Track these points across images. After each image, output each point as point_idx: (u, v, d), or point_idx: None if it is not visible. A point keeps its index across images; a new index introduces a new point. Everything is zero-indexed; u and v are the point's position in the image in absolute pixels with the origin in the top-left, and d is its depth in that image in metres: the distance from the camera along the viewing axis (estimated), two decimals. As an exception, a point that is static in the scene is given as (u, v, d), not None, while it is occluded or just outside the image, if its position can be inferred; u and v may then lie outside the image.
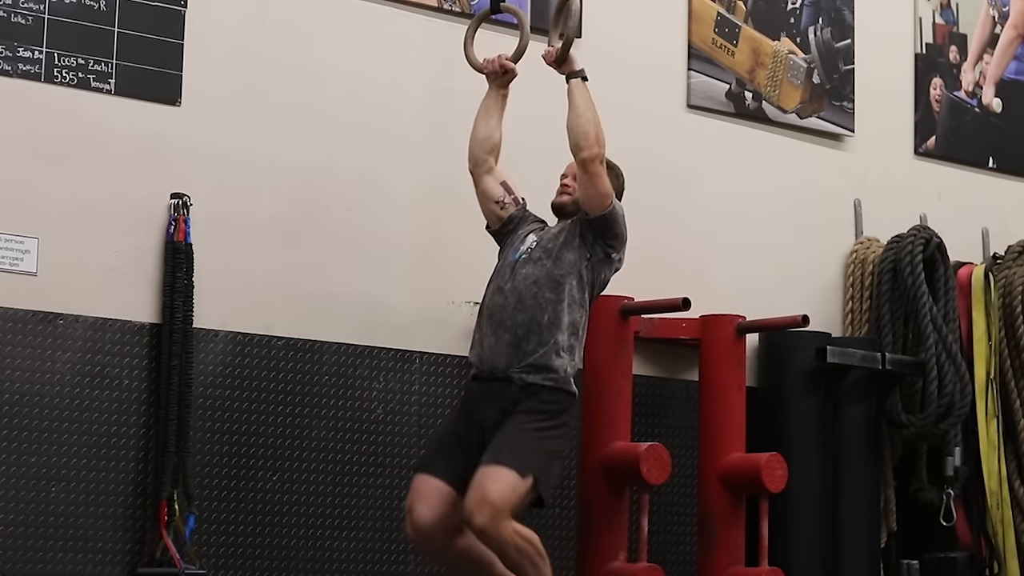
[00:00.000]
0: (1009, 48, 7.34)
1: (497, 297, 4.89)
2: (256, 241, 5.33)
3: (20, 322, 4.90)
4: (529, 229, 5.05)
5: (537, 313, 4.81)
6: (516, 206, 5.12)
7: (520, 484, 4.65)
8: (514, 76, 5.15)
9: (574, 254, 4.89)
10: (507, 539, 4.61)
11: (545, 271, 4.86)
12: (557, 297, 4.84)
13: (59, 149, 5.03)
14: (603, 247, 4.92)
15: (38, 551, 4.87)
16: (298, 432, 5.33)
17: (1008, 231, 7.01)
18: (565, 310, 4.84)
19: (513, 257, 4.96)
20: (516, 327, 4.81)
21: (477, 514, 4.58)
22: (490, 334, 4.86)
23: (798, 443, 6.04)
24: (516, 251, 4.98)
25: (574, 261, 4.89)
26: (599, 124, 4.89)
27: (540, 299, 4.83)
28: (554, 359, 4.80)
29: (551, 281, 4.85)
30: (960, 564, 6.32)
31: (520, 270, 4.89)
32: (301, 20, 5.49)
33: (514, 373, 4.78)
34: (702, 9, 6.39)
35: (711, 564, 5.78)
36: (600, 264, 4.92)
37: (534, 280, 4.86)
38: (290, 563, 5.27)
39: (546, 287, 4.84)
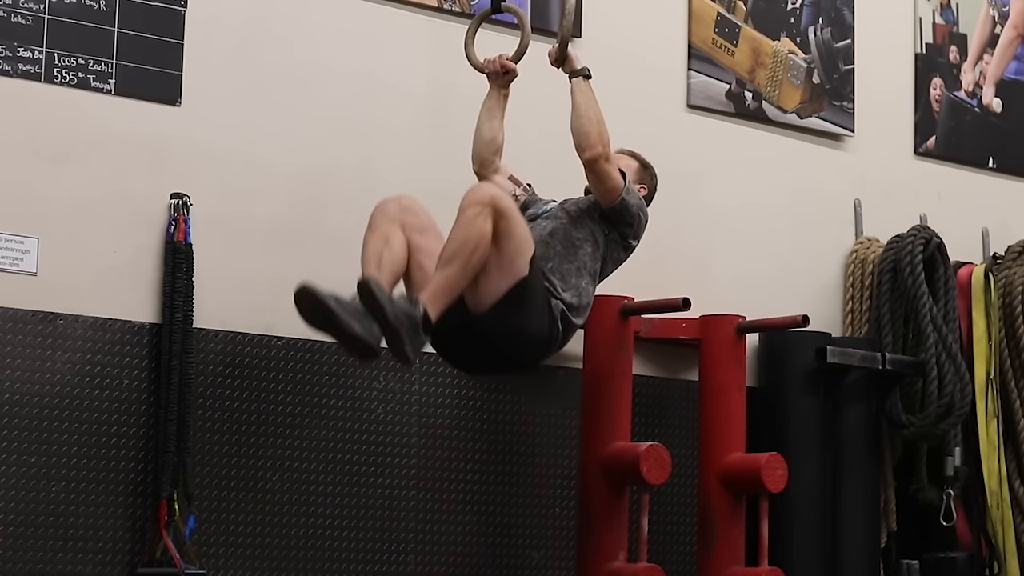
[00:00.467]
0: (1009, 48, 7.34)
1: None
2: (256, 241, 5.33)
3: (20, 322, 4.90)
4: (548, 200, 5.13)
5: (542, 259, 4.83)
6: (526, 195, 5.22)
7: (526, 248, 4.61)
8: (515, 76, 5.16)
9: (594, 224, 4.96)
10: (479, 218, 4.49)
11: (562, 227, 4.94)
12: (567, 254, 4.89)
13: (59, 149, 5.03)
14: (620, 231, 5.02)
15: (38, 551, 4.87)
16: (298, 432, 5.33)
17: (1008, 231, 7.01)
18: (573, 271, 4.88)
19: (534, 212, 5.07)
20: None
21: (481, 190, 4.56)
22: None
23: (798, 443, 6.04)
24: (539, 209, 5.10)
25: (592, 231, 4.95)
26: (602, 123, 4.90)
27: (551, 248, 4.89)
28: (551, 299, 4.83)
29: (567, 238, 4.91)
30: (960, 564, 6.32)
31: (538, 223, 4.97)
32: (301, 20, 5.49)
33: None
34: (702, 9, 6.39)
35: (711, 564, 5.77)
36: (616, 244, 4.99)
37: (550, 231, 4.92)
38: (290, 563, 5.27)
39: (559, 241, 4.90)
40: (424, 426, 5.56)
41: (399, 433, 5.51)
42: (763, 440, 5.95)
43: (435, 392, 5.59)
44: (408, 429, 5.53)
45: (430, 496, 5.54)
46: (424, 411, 5.57)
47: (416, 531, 5.50)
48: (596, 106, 4.93)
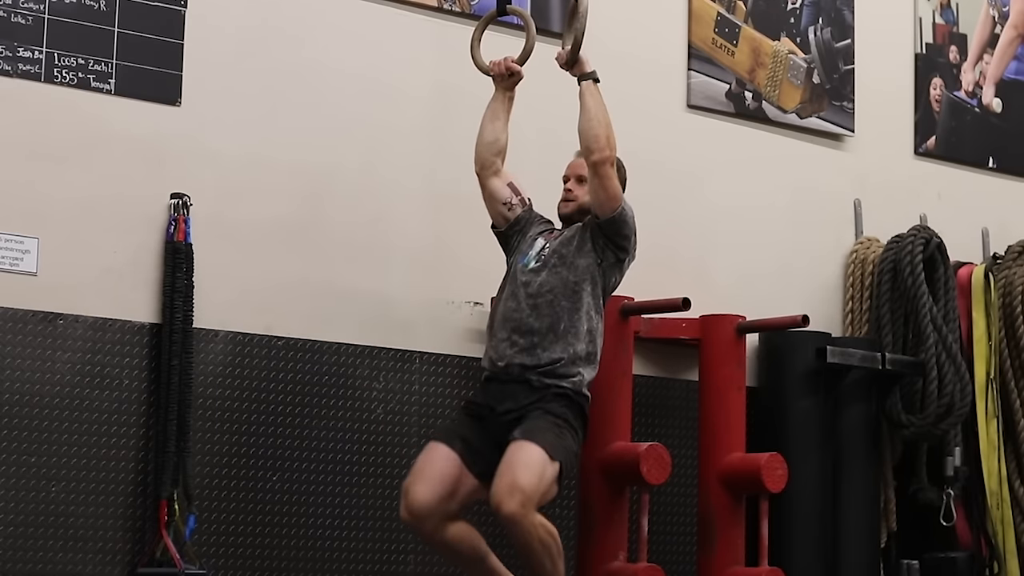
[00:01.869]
0: (1009, 48, 7.34)
1: (511, 302, 4.88)
2: (256, 241, 5.32)
3: (20, 322, 4.90)
4: (537, 231, 5.04)
5: (554, 321, 4.81)
6: (523, 207, 5.13)
7: (549, 467, 4.64)
8: (520, 78, 5.13)
9: (587, 259, 4.89)
10: (533, 530, 4.58)
11: (561, 279, 4.85)
12: (573, 305, 4.83)
13: (59, 149, 5.03)
14: (613, 250, 4.93)
15: (38, 551, 4.87)
16: (298, 432, 5.33)
17: (1008, 231, 7.01)
18: (583, 317, 4.84)
19: (523, 262, 4.95)
20: (533, 334, 4.81)
21: (507, 500, 4.54)
22: (505, 339, 4.85)
23: (798, 443, 6.04)
24: (526, 256, 4.97)
25: (588, 266, 4.88)
26: (610, 126, 4.89)
27: (557, 307, 4.82)
28: (571, 368, 4.81)
29: (567, 289, 4.84)
30: (960, 564, 6.32)
31: (535, 277, 4.87)
32: (301, 20, 5.49)
33: (531, 376, 4.79)
34: (702, 9, 6.39)
35: (711, 564, 5.78)
36: (611, 268, 4.92)
37: (550, 288, 4.84)
38: (290, 563, 5.27)
39: (562, 295, 4.83)
40: (424, 426, 5.55)
41: (399, 433, 5.51)
42: (763, 440, 5.95)
43: (435, 392, 5.59)
44: (408, 429, 5.53)
45: (430, 496, 5.53)
46: (424, 411, 5.57)
47: (416, 531, 5.49)
48: (605, 109, 4.92)
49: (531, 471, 4.58)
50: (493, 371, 4.88)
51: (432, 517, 4.71)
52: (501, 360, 4.85)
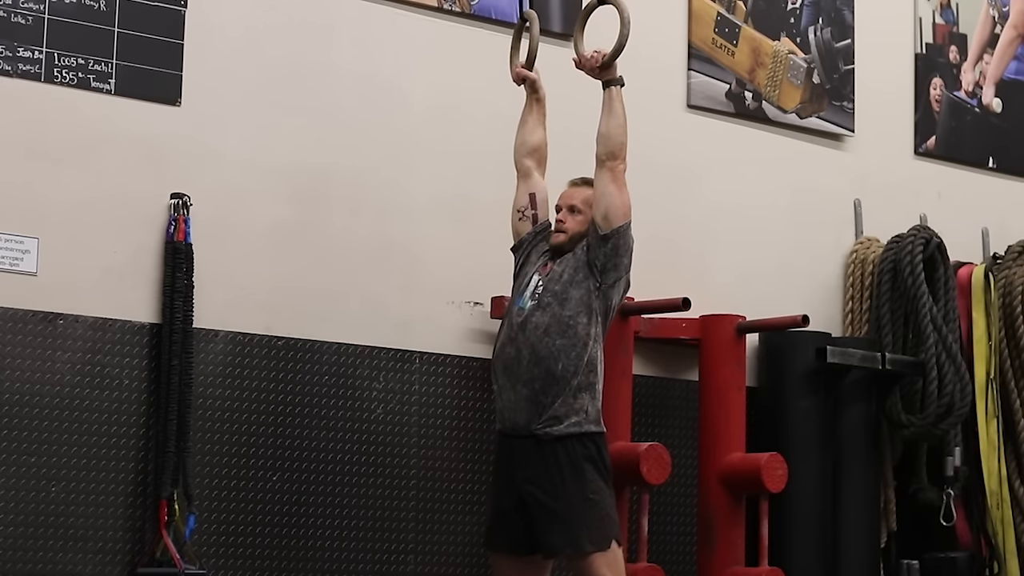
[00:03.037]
0: (1009, 48, 7.34)
1: (509, 349, 4.84)
2: (256, 241, 5.33)
3: (20, 322, 4.90)
4: (534, 265, 4.95)
5: (551, 363, 4.77)
6: (532, 223, 5.03)
7: (613, 558, 4.71)
8: (534, 80, 5.08)
9: (580, 290, 4.82)
10: None
11: (554, 317, 4.80)
12: (569, 342, 4.79)
13: (59, 149, 5.03)
14: (612, 270, 4.83)
15: (38, 551, 4.87)
16: (298, 432, 5.33)
17: (1008, 231, 7.02)
18: (579, 351, 4.79)
19: (519, 304, 4.88)
20: (532, 381, 4.78)
21: None
22: (508, 387, 4.83)
23: (798, 443, 6.04)
24: (521, 297, 4.90)
25: (582, 297, 4.81)
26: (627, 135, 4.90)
27: (552, 348, 4.78)
28: (573, 402, 4.78)
29: (560, 326, 4.80)
30: (960, 564, 6.32)
31: (529, 319, 4.82)
32: (301, 20, 5.49)
33: (538, 430, 4.76)
34: (702, 9, 6.39)
35: (711, 564, 5.78)
36: (609, 290, 4.85)
37: (544, 329, 4.79)
38: (290, 563, 5.27)
39: (556, 334, 4.79)
40: (424, 426, 5.56)
41: (399, 433, 5.51)
42: (763, 440, 5.96)
43: (435, 392, 5.59)
44: (408, 429, 5.53)
45: (430, 496, 5.54)
46: (424, 411, 5.57)
47: (416, 531, 5.50)
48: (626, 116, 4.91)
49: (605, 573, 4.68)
50: (503, 426, 4.88)
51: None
52: (508, 415, 4.84)
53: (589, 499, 4.72)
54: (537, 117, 5.08)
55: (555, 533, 4.70)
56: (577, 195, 4.95)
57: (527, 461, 4.77)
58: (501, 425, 4.88)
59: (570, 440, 4.76)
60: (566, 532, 4.69)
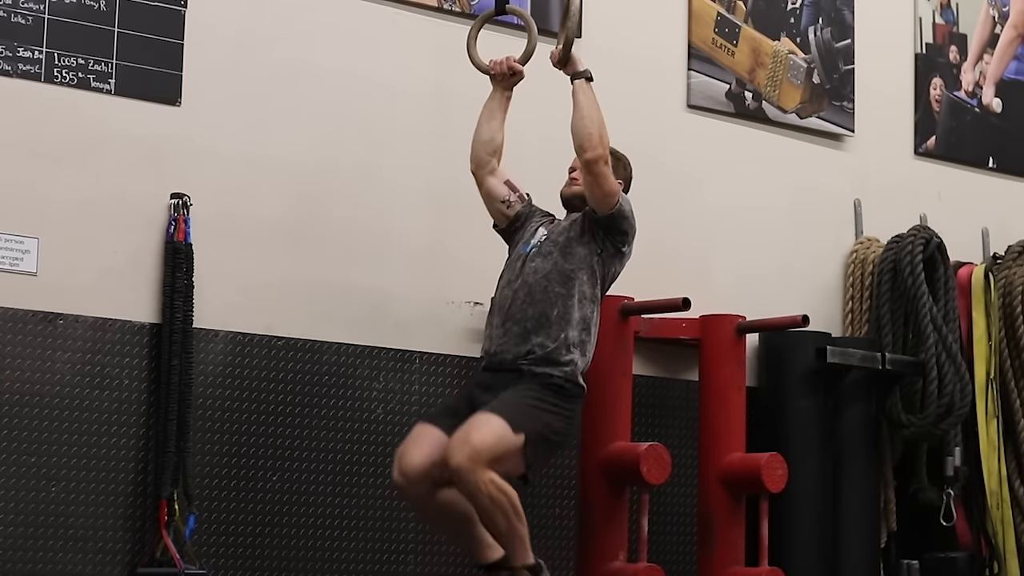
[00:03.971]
0: (1009, 48, 7.34)
1: (506, 291, 4.91)
2: (256, 241, 5.33)
3: (20, 322, 4.90)
4: (538, 223, 5.07)
5: (547, 307, 4.82)
6: (522, 203, 5.15)
7: (508, 436, 4.63)
8: (520, 78, 5.13)
9: (584, 248, 4.91)
10: (480, 485, 4.55)
11: (555, 265, 4.87)
12: (567, 292, 4.85)
13: (59, 149, 5.03)
14: (612, 243, 4.94)
15: (38, 551, 4.87)
16: (298, 432, 5.33)
17: (1008, 231, 7.01)
18: (575, 305, 4.85)
19: (523, 251, 4.98)
20: (525, 320, 4.83)
21: (455, 453, 4.56)
22: (499, 326, 4.88)
23: (798, 443, 6.04)
24: (527, 244, 5.00)
25: (585, 256, 4.90)
26: (603, 125, 4.89)
27: (550, 293, 4.84)
28: (564, 355, 4.81)
29: (561, 275, 4.86)
30: (960, 564, 6.32)
31: (530, 263, 4.90)
32: (301, 20, 5.49)
33: (523, 364, 4.80)
34: (702, 9, 6.39)
35: (711, 564, 5.78)
36: (611, 259, 4.95)
37: (544, 274, 4.87)
38: (290, 563, 5.27)
39: (556, 281, 4.85)
40: (424, 426, 5.55)
41: (399, 433, 5.49)
42: (763, 440, 5.95)
43: (435, 392, 5.59)
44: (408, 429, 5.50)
45: (430, 496, 5.54)
46: (424, 411, 5.56)
47: (416, 531, 5.50)
48: (597, 108, 4.92)
49: (485, 432, 4.59)
50: (489, 360, 4.91)
51: (424, 481, 4.70)
52: (495, 349, 4.88)
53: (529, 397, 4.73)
54: (504, 115, 5.16)
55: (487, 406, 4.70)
56: None
57: (504, 383, 4.79)
58: (487, 362, 4.91)
59: (550, 380, 4.79)
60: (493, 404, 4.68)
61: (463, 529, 4.79)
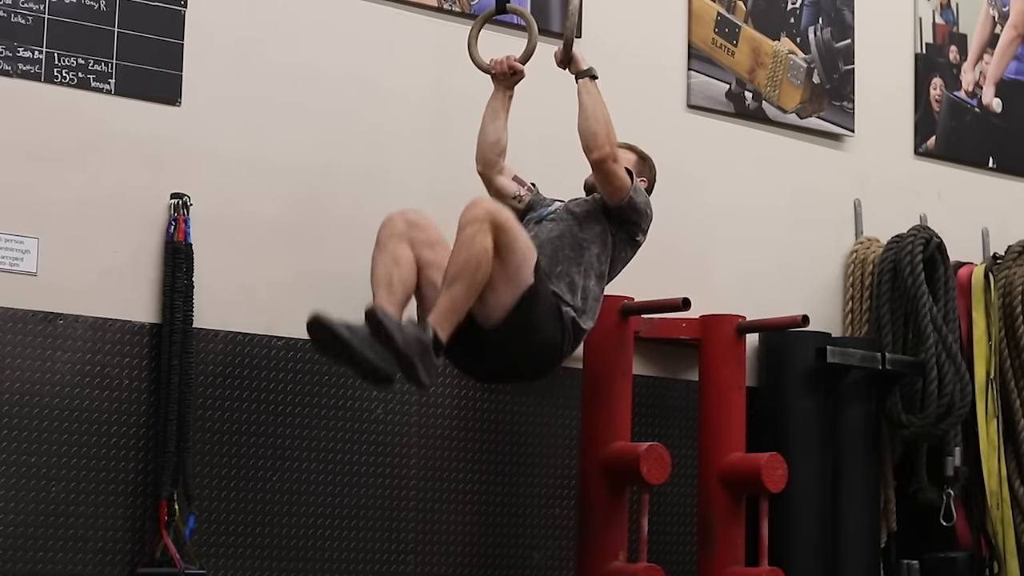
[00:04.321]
0: (1009, 48, 7.34)
1: None
2: (256, 241, 5.33)
3: (20, 322, 4.90)
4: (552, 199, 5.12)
5: (552, 263, 4.83)
6: (531, 194, 5.21)
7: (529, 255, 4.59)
8: (521, 77, 5.15)
9: (600, 225, 4.95)
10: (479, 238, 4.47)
11: (569, 230, 4.92)
12: (576, 257, 4.88)
13: (59, 149, 5.03)
14: (627, 229, 5.01)
15: (38, 551, 4.87)
16: (298, 432, 5.33)
17: (1008, 231, 7.01)
18: (581, 273, 4.87)
19: (539, 215, 5.05)
20: None
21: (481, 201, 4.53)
22: None
23: (798, 443, 6.04)
24: (541, 212, 5.06)
25: (600, 232, 4.94)
26: (609, 123, 4.90)
27: (559, 253, 4.87)
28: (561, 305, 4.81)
29: (574, 241, 4.90)
30: (960, 564, 6.32)
31: (546, 225, 4.95)
32: (301, 20, 5.49)
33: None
34: (702, 9, 6.39)
35: (711, 564, 5.77)
36: (624, 243, 4.99)
37: (558, 234, 4.91)
38: (290, 563, 5.27)
39: (568, 244, 4.88)
40: (424, 426, 5.56)
41: (399, 433, 5.51)
42: (763, 440, 5.95)
43: (435, 392, 5.59)
44: (408, 429, 5.53)
45: (430, 496, 5.54)
46: (424, 411, 5.56)
47: (416, 531, 5.50)
48: (603, 106, 4.93)
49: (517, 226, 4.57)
50: None
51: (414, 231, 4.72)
52: None
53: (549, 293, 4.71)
54: (507, 114, 5.18)
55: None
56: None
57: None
58: None
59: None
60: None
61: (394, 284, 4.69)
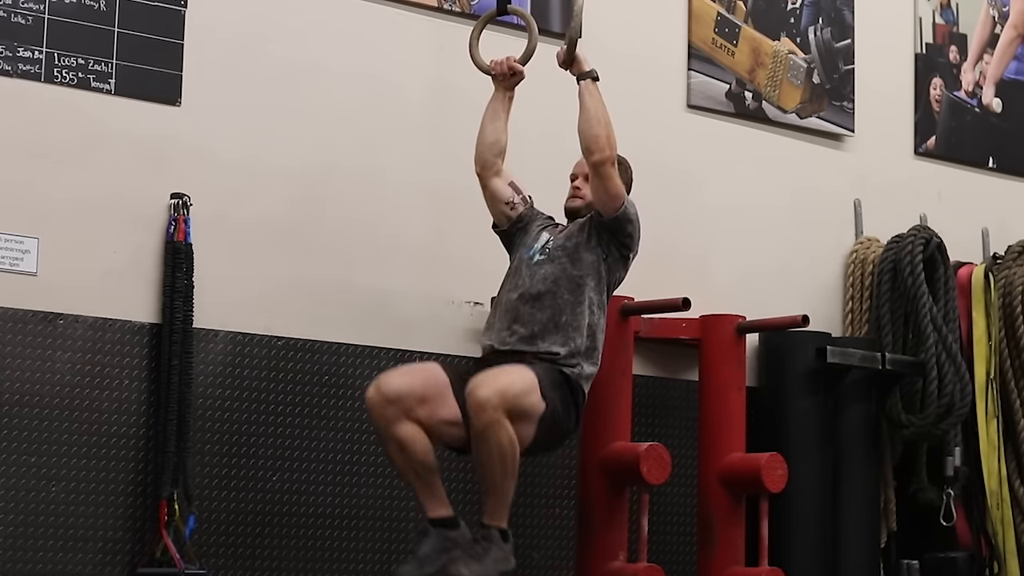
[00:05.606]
0: (1009, 48, 7.34)
1: (513, 294, 4.88)
2: (256, 241, 5.33)
3: (20, 322, 4.90)
4: (540, 226, 5.06)
5: (555, 313, 4.81)
6: (525, 205, 5.15)
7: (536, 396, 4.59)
8: (522, 78, 5.14)
9: (592, 255, 4.90)
10: (497, 427, 4.47)
11: (564, 270, 4.86)
12: (576, 299, 4.83)
13: (59, 149, 5.03)
14: (618, 247, 4.94)
15: (38, 551, 4.87)
16: (298, 432, 5.33)
17: (1008, 231, 7.01)
18: (584, 312, 4.83)
19: (528, 255, 4.96)
20: (533, 324, 4.81)
21: (483, 386, 4.48)
22: (505, 328, 4.86)
23: (798, 443, 6.04)
24: (531, 249, 4.98)
25: (593, 262, 4.89)
26: (610, 126, 4.89)
27: (559, 299, 4.82)
28: (570, 360, 4.80)
29: (570, 281, 4.84)
30: (960, 564, 6.32)
31: (539, 269, 4.88)
32: (301, 20, 5.50)
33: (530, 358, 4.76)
34: (702, 9, 6.39)
35: (711, 564, 5.78)
36: (616, 263, 4.94)
37: (554, 279, 4.85)
38: (290, 563, 5.27)
39: (565, 288, 4.84)
40: (424, 426, 5.55)
41: (399, 433, 5.50)
42: (763, 440, 5.95)
43: (435, 392, 5.59)
44: (408, 429, 5.52)
45: (430, 496, 5.53)
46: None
47: (416, 531, 5.49)
48: (605, 109, 4.91)
49: (517, 379, 4.56)
50: (489, 351, 4.88)
51: (399, 403, 4.63)
52: (498, 344, 4.85)
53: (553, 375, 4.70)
54: (507, 115, 5.15)
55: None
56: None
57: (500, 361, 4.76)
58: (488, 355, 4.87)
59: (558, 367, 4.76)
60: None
61: (422, 474, 4.69)
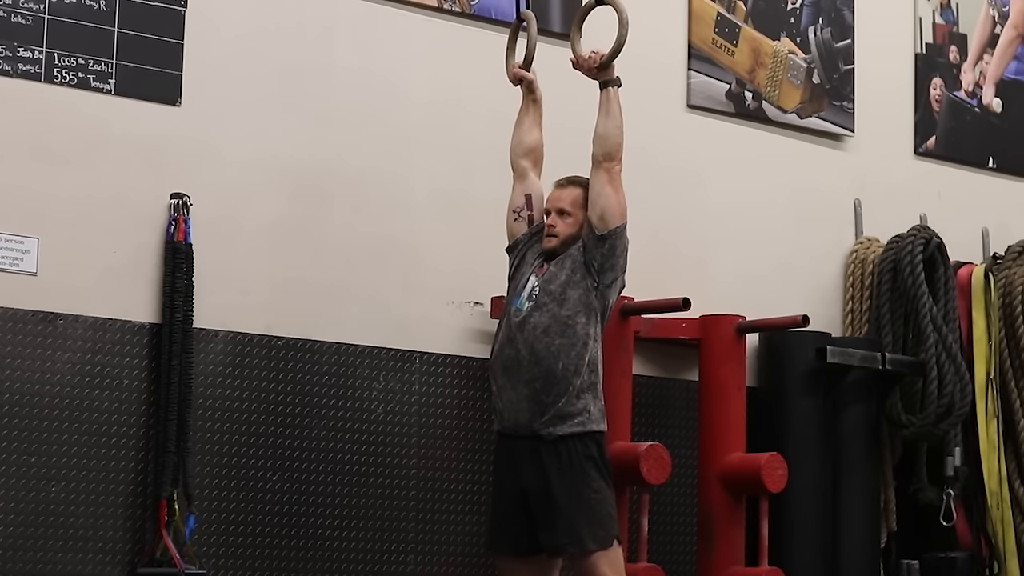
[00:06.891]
0: (1009, 48, 7.34)
1: (508, 350, 4.83)
2: (256, 241, 5.33)
3: (20, 322, 4.90)
4: (530, 266, 4.95)
5: (552, 363, 4.77)
6: (528, 225, 5.02)
7: (615, 556, 4.74)
8: (531, 81, 5.07)
9: (578, 290, 4.81)
10: None
11: (553, 316, 4.79)
12: (569, 341, 4.78)
13: (59, 149, 5.03)
14: (609, 269, 4.83)
15: (38, 551, 4.87)
16: (298, 432, 5.33)
17: (1008, 231, 7.02)
18: (580, 351, 4.79)
19: (517, 305, 4.88)
20: (534, 381, 4.77)
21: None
22: (508, 387, 4.82)
23: (798, 443, 6.04)
24: (519, 299, 4.89)
25: (580, 297, 4.81)
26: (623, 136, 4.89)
27: (552, 347, 4.77)
28: (576, 402, 4.78)
29: (560, 326, 4.79)
30: (960, 564, 6.32)
31: (528, 320, 4.81)
32: (301, 20, 5.50)
33: (540, 429, 4.76)
34: (702, 9, 6.39)
35: (711, 564, 5.78)
36: (607, 290, 4.84)
37: (544, 329, 4.79)
38: (290, 563, 5.27)
39: (556, 334, 4.78)
40: (424, 426, 5.56)
41: (399, 433, 5.51)
42: (763, 440, 5.95)
43: (435, 392, 5.59)
44: (408, 429, 5.54)
45: (430, 496, 5.54)
46: (424, 411, 5.57)
47: (416, 531, 5.50)
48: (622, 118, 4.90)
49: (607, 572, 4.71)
50: (502, 424, 4.88)
51: None
52: (508, 416, 4.83)
53: (591, 498, 4.73)
54: (533, 118, 5.07)
55: (558, 532, 4.71)
56: (565, 197, 4.93)
57: (528, 460, 4.77)
58: (500, 426, 4.87)
59: (572, 440, 4.76)
60: (569, 531, 4.70)
61: None
